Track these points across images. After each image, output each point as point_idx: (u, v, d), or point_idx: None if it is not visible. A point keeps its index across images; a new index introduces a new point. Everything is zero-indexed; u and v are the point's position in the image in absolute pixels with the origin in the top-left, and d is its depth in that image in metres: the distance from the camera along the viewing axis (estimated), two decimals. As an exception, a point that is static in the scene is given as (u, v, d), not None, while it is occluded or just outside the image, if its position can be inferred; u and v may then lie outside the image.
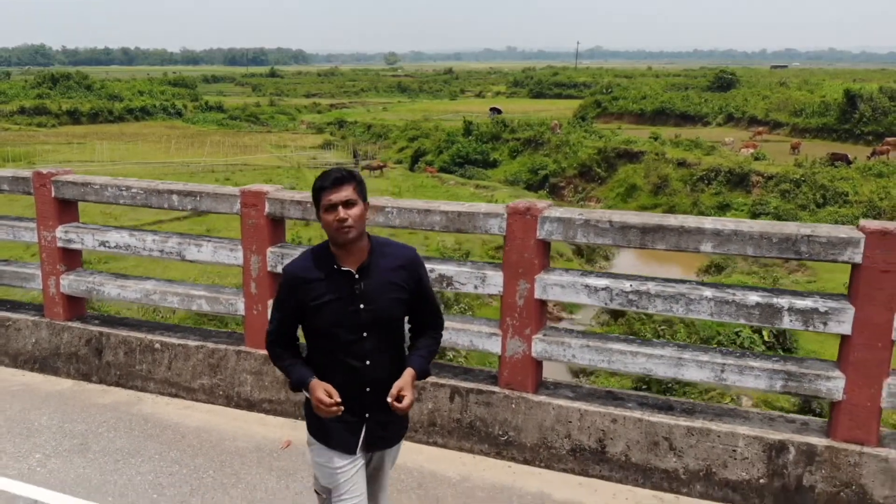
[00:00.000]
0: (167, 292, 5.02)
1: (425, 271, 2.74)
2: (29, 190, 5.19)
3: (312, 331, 2.64)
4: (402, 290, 2.63)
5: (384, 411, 2.59)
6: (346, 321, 2.57)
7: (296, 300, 2.60)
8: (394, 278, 2.61)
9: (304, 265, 2.62)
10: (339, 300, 2.56)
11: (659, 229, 3.76)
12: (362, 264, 2.58)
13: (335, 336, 2.58)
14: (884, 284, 3.46)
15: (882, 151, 44.55)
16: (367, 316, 2.57)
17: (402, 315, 2.68)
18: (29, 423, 4.55)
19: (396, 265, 2.63)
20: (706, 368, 3.81)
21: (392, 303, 2.61)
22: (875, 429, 3.63)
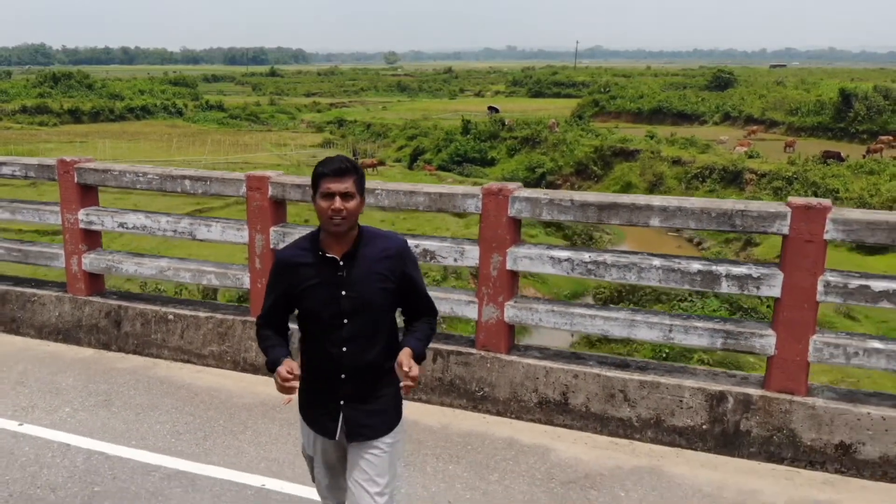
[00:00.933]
0: (180, 269, 5.56)
1: (414, 262, 2.77)
2: (53, 177, 5.72)
3: (300, 315, 2.71)
4: (387, 280, 2.65)
5: (358, 400, 2.66)
6: (327, 307, 2.62)
7: (284, 284, 2.67)
8: (378, 268, 2.64)
9: (293, 251, 2.71)
10: (323, 285, 2.62)
11: (613, 206, 4.29)
12: (347, 252, 2.62)
13: (317, 320, 2.65)
14: (808, 253, 3.99)
15: (876, 150, 45.11)
16: (348, 303, 2.61)
17: (385, 305, 2.68)
18: (57, 384, 5.08)
19: (382, 255, 2.66)
20: (656, 329, 4.34)
21: (375, 291, 2.63)
22: (804, 380, 4.15)
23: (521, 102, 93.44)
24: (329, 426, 2.70)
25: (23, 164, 5.91)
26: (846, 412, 4.03)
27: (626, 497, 3.78)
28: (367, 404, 2.68)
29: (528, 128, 51.05)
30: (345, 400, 2.67)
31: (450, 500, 3.71)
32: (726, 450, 4.21)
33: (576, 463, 4.10)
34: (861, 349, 4.04)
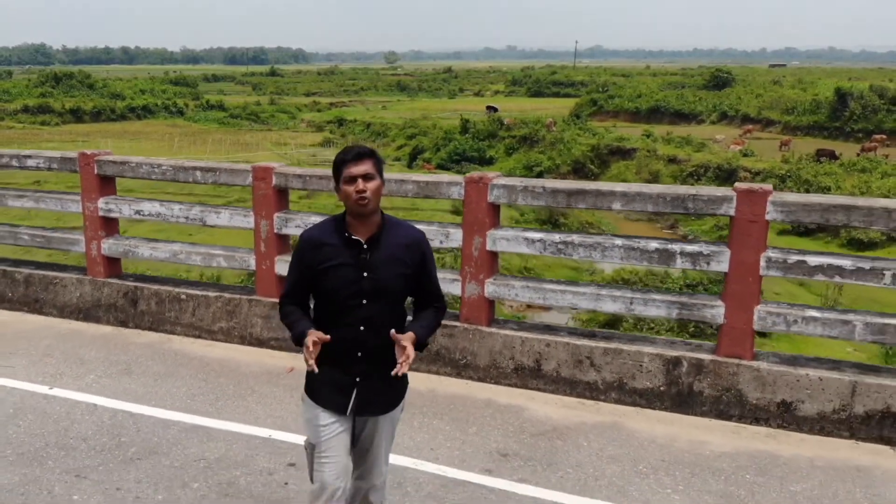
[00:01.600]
0: (191, 252, 6.08)
1: (431, 253, 2.91)
2: (75, 168, 6.23)
3: (319, 293, 2.82)
4: (406, 266, 2.79)
5: (375, 376, 2.80)
6: (349, 286, 2.74)
7: (308, 262, 2.79)
8: (399, 254, 2.78)
9: (319, 231, 2.83)
10: (346, 266, 2.74)
11: (581, 192, 4.81)
12: (372, 236, 2.76)
13: (337, 299, 2.76)
14: (751, 232, 4.51)
15: (870, 148, 45.64)
16: (368, 284, 2.74)
17: (402, 289, 2.83)
18: (81, 356, 5.60)
19: (404, 243, 2.81)
20: (619, 302, 4.86)
21: (394, 276, 2.77)
22: (749, 346, 4.67)
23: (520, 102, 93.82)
24: (342, 402, 2.81)
25: (47, 157, 6.43)
26: (787, 374, 4.55)
27: (587, 446, 4.30)
28: (379, 382, 2.81)
29: (526, 127, 51.55)
30: (360, 377, 2.80)
31: (432, 448, 4.23)
32: (681, 408, 4.73)
33: (546, 419, 4.62)
34: (800, 317, 4.56)
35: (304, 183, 5.56)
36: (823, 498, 3.84)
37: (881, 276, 4.35)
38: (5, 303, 6.65)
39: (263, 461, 4.09)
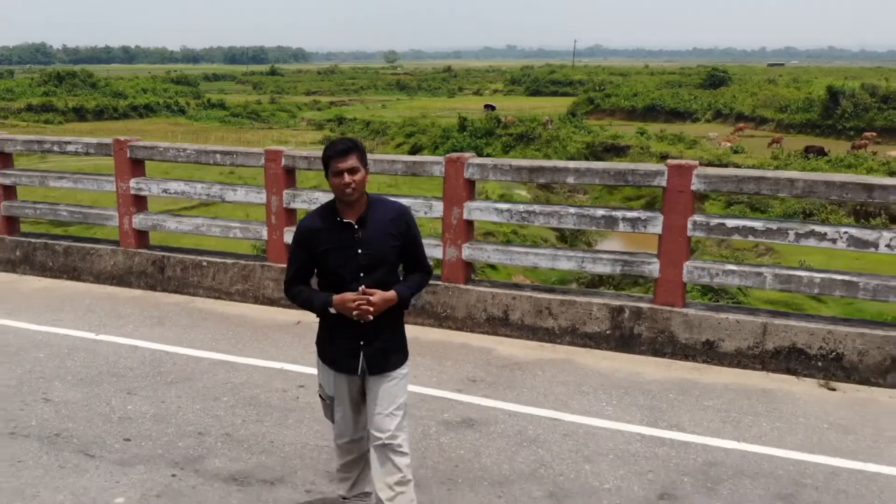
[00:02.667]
0: (211, 225, 7.03)
1: (414, 223, 3.20)
2: (110, 153, 7.18)
3: (322, 272, 3.13)
4: (395, 238, 3.09)
5: (377, 339, 3.11)
6: (347, 263, 3.03)
7: (308, 249, 3.09)
8: (388, 228, 3.08)
9: (312, 221, 3.12)
10: (342, 246, 3.04)
11: (540, 168, 5.76)
12: (361, 217, 3.06)
13: (339, 275, 3.05)
14: (680, 200, 5.45)
15: (861, 145, 46.61)
16: (364, 259, 3.04)
17: (394, 259, 3.13)
18: (118, 311, 6.55)
19: (389, 217, 3.11)
20: (572, 261, 5.81)
21: (386, 248, 3.07)
22: (680, 295, 5.61)
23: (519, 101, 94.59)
24: (352, 364, 3.13)
25: (84, 142, 7.39)
26: (710, 318, 5.49)
27: (542, 374, 5.25)
28: (383, 343, 3.14)
29: (523, 125, 52.46)
30: (364, 341, 3.11)
31: (415, 375, 5.16)
32: (623, 348, 5.68)
33: (510, 356, 5.57)
34: (720, 271, 5.52)
35: (309, 164, 6.52)
36: (731, 410, 4.78)
37: (786, 235, 5.30)
38: (47, 271, 7.61)
39: (278, 384, 5.04)
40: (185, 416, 4.58)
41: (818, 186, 5.22)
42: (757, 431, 4.48)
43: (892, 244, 5.10)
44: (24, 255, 7.68)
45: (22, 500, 3.67)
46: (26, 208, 7.77)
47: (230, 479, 3.88)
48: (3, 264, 7.78)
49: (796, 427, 4.56)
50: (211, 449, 4.18)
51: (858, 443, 4.38)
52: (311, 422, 4.50)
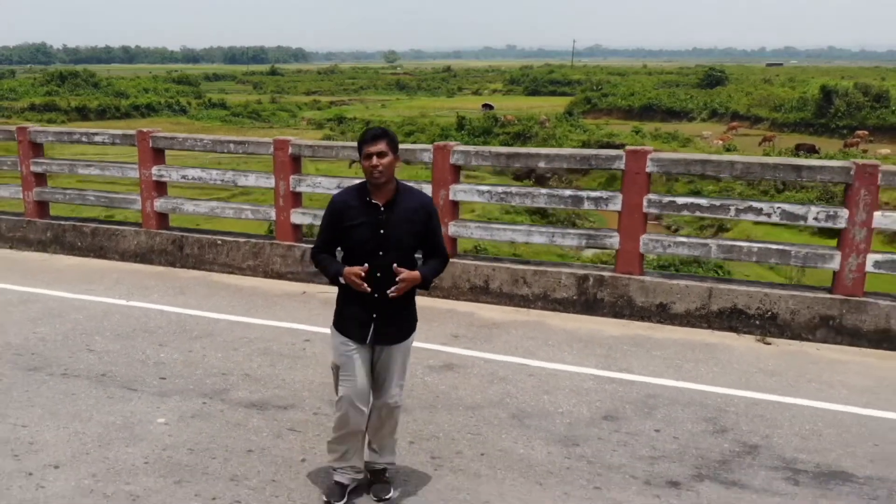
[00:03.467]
0: (225, 207, 7.84)
1: (436, 214, 3.49)
2: (133, 143, 7.98)
3: (346, 247, 3.42)
4: (416, 225, 3.37)
5: (389, 313, 3.38)
6: (369, 240, 3.30)
7: (337, 221, 3.37)
8: (411, 215, 3.35)
9: (346, 196, 3.42)
10: (367, 224, 3.32)
11: (515, 154, 6.58)
12: (388, 200, 3.34)
13: (360, 251, 3.32)
14: (636, 181, 6.26)
15: (852, 143, 47.45)
16: (384, 239, 3.30)
17: (412, 244, 3.39)
18: (143, 284, 7.36)
19: (414, 206, 3.38)
20: (544, 236, 6.63)
21: (406, 233, 3.34)
22: (638, 264, 6.42)
23: (517, 100, 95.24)
24: (363, 333, 3.40)
25: (110, 134, 8.20)
26: (664, 283, 6.31)
27: (515, 332, 6.07)
28: (395, 317, 3.42)
29: (520, 124, 53.29)
30: (376, 313, 3.39)
31: (406, 331, 5.98)
32: (588, 311, 6.49)
33: (489, 318, 6.39)
34: (672, 242, 6.33)
35: (314, 152, 7.33)
36: (675, 358, 5.59)
37: (728, 210, 6.12)
38: (76, 250, 8.42)
39: (288, 338, 5.86)
40: (209, 361, 5.39)
41: (754, 168, 6.04)
42: (694, 374, 5.30)
43: (819, 217, 5.92)
44: (55, 236, 8.50)
45: (80, 422, 4.48)
46: (56, 193, 8.59)
47: (251, 405, 4.70)
48: (36, 245, 8.60)
49: (729, 371, 5.37)
50: (233, 385, 5.00)
51: (780, 382, 5.19)
52: (315, 366, 5.31)
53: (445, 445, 4.22)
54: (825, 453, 4.22)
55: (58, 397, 4.80)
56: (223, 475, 3.89)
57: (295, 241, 7.50)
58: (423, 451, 4.15)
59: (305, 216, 7.40)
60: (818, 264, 5.98)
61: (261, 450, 4.15)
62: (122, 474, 3.90)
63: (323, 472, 3.88)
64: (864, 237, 5.79)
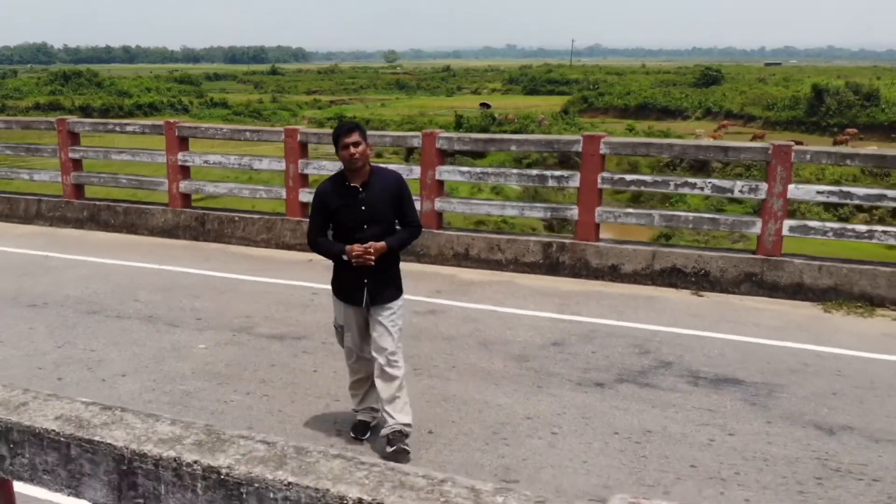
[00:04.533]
0: (242, 188, 9.02)
1: (407, 188, 4.04)
2: (161, 132, 9.15)
3: (335, 225, 3.98)
4: (391, 199, 3.92)
5: (377, 279, 3.96)
6: (353, 218, 3.87)
7: (325, 207, 3.94)
8: (386, 191, 3.91)
9: (326, 186, 4.00)
10: (349, 205, 3.87)
11: (491, 140, 7.75)
12: (364, 182, 3.89)
13: (348, 228, 3.88)
14: (592, 161, 7.41)
15: (842, 141, 48.55)
16: (366, 215, 3.87)
17: (390, 216, 3.93)
18: (172, 253, 8.53)
19: (388, 183, 3.95)
20: (516, 209, 7.79)
21: (384, 207, 3.90)
22: (594, 232, 7.57)
23: (516, 99, 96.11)
24: (358, 297, 3.97)
25: (140, 124, 9.41)
26: (615, 248, 7.47)
27: (489, 288, 7.23)
28: (382, 280, 3.98)
29: (517, 122, 54.42)
30: (367, 279, 3.95)
31: (397, 287, 7.14)
32: (552, 272, 7.65)
33: (468, 279, 7.56)
34: (622, 213, 7.50)
35: (319, 139, 8.50)
36: (619, 306, 6.75)
37: (668, 185, 7.28)
38: (109, 227, 9.59)
39: (298, 292, 7.03)
40: (235, 308, 6.57)
41: (689, 149, 7.22)
42: (633, 317, 6.47)
43: (743, 190, 7.09)
44: (91, 215, 9.67)
45: (137, 347, 5.66)
46: (92, 177, 9.77)
47: (272, 337, 5.88)
48: (73, 223, 9.77)
49: (662, 315, 6.54)
50: (256, 323, 6.17)
51: (703, 322, 6.35)
52: (322, 312, 6.47)
53: (425, 362, 5.40)
54: (724, 367, 5.38)
55: (116, 331, 5.98)
56: (254, 379, 5.06)
57: (303, 217, 8.66)
58: (407, 365, 5.31)
59: (311, 195, 8.56)
60: (743, 229, 7.15)
61: (282, 364, 5.32)
62: (176, 379, 5.07)
63: (329, 379, 5.05)
64: (780, 206, 6.95)
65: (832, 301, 6.85)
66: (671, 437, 4.36)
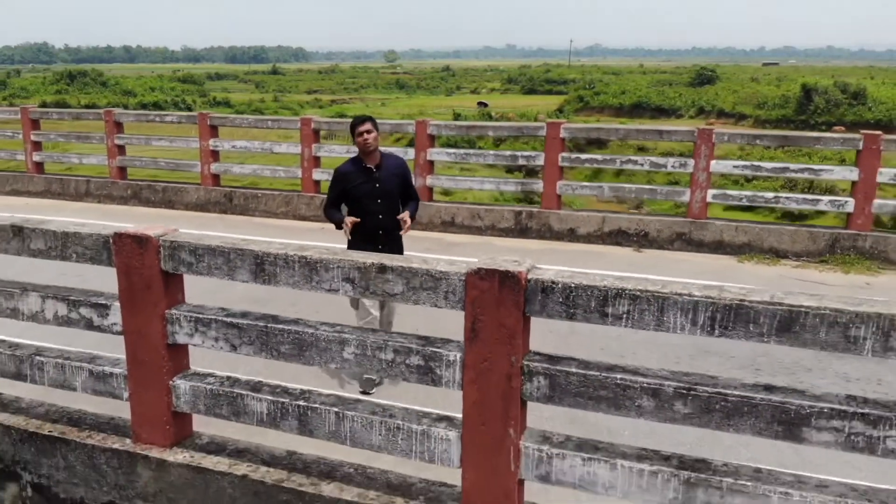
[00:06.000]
0: (264, 168, 10.67)
1: (409, 170, 5.16)
2: (195, 121, 10.79)
3: (351, 200, 4.84)
4: (398, 178, 4.90)
5: (388, 245, 4.84)
6: (369, 193, 4.79)
7: (342, 184, 4.86)
8: (394, 172, 4.90)
9: (347, 167, 4.93)
10: (365, 182, 4.82)
11: (472, 126, 9.41)
12: (377, 164, 4.87)
13: (364, 202, 4.79)
14: (554, 144, 9.05)
15: (827, 139, 50.02)
16: (379, 190, 4.79)
17: (398, 192, 4.88)
18: (205, 224, 10.17)
19: (396, 165, 4.98)
20: (493, 184, 9.45)
21: (393, 184, 4.85)
22: (556, 202, 9.21)
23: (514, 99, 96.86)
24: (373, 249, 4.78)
25: (178, 115, 11.06)
26: (573, 214, 9.11)
27: (469, 246, 8.87)
28: (390, 246, 4.88)
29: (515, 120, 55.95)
30: (381, 245, 4.83)
31: (395, 245, 8.80)
32: (521, 236, 9.29)
33: (453, 241, 9.20)
34: (578, 186, 9.14)
35: (330, 126, 10.16)
36: (572, 259, 8.39)
37: (615, 162, 8.92)
38: (150, 203, 11.23)
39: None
40: (265, 258, 8.21)
41: (632, 133, 8.87)
42: (583, 266, 8.11)
43: (675, 165, 8.73)
44: (133, 193, 11.31)
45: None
46: (135, 161, 11.41)
47: (295, 276, 7.52)
48: (118, 200, 11.41)
49: (608, 265, 8.18)
50: (283, 268, 7.81)
51: (638, 268, 8.00)
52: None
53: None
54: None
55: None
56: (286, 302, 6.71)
57: (315, 193, 10.31)
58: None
59: (323, 174, 10.21)
60: (675, 198, 8.80)
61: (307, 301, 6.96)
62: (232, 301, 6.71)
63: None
64: (705, 178, 8.60)
65: (746, 254, 8.51)
66: (602, 333, 6.02)
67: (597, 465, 2.80)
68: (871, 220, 8.22)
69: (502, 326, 2.86)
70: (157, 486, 3.56)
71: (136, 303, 3.46)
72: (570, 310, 2.79)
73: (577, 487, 2.86)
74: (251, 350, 3.33)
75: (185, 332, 3.45)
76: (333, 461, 3.53)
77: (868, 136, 8.09)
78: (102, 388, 3.68)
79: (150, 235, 3.43)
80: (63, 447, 3.75)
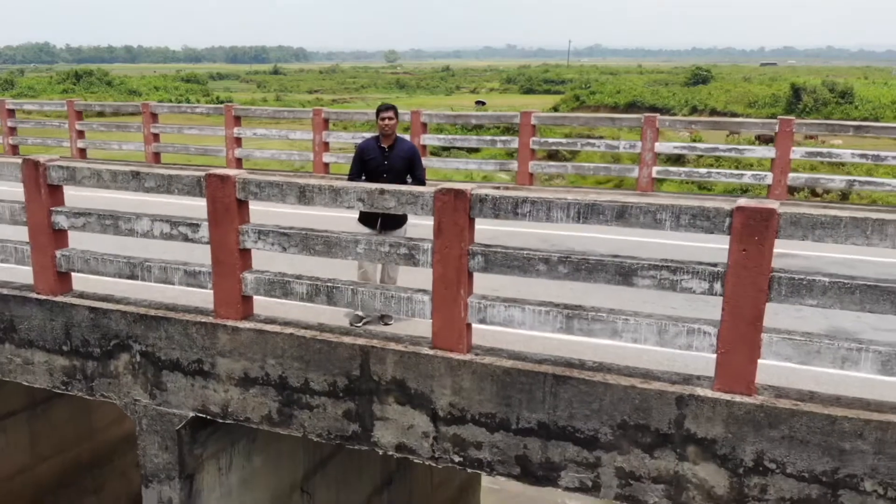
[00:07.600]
0: (281, 153, 12.42)
1: (418, 156, 6.21)
2: (221, 112, 12.52)
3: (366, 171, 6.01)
4: (404, 160, 5.98)
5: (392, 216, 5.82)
6: (380, 169, 5.89)
7: (362, 157, 5.98)
8: (403, 154, 6.00)
9: (367, 143, 6.09)
10: (378, 158, 5.97)
11: (458, 115, 11.15)
12: (391, 145, 5.99)
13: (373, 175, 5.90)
14: (526, 130, 10.76)
15: (812, 136, 51.78)
16: (387, 167, 5.92)
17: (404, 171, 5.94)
18: (232, 198, 11.90)
19: (406, 149, 6.07)
20: (475, 164, 11.20)
21: (399, 164, 5.95)
22: (528, 179, 10.94)
23: (512, 98, 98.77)
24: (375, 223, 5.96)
25: (206, 107, 12.81)
26: (543, 189, 10.84)
27: (455, 214, 10.60)
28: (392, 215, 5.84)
29: (509, 118, 57.62)
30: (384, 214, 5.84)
31: (393, 214, 10.55)
32: (500, 207, 11.03)
33: (442, 210, 10.92)
34: (547, 166, 10.89)
35: (339, 116, 11.91)
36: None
37: (576, 145, 10.66)
38: (181, 184, 12.96)
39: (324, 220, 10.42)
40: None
41: (590, 120, 10.63)
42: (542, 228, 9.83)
43: (625, 146, 10.48)
44: (167, 175, 13.05)
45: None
46: (168, 147, 13.16)
47: (312, 235, 9.26)
48: (153, 181, 13.13)
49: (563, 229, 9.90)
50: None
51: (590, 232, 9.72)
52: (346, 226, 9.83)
53: (409, 245, 8.78)
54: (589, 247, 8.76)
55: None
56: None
57: (325, 173, 12.05)
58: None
59: (331, 157, 11.96)
60: (626, 174, 10.54)
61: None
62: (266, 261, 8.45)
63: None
64: (651, 157, 10.34)
65: (684, 222, 10.24)
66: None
67: (514, 310, 4.55)
68: (786, 190, 9.97)
69: (456, 225, 4.60)
70: (232, 345, 5.32)
71: (219, 221, 5.21)
72: (496, 212, 4.52)
73: (503, 325, 4.62)
74: (296, 250, 5.07)
75: (252, 239, 5.19)
76: (347, 327, 5.28)
77: (783, 121, 9.84)
78: (193, 282, 5.44)
79: (230, 174, 5.16)
80: (165, 323, 5.50)
